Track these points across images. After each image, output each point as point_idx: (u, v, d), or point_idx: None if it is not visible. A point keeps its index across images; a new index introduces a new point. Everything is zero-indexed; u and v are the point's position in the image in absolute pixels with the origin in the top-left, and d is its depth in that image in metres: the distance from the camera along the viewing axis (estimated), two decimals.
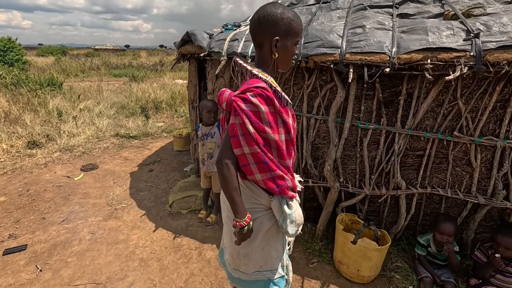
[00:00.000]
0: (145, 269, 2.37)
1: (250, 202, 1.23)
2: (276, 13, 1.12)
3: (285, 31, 1.14)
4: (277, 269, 1.31)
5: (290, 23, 1.14)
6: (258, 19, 1.15)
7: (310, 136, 2.54)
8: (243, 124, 1.08)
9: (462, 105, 2.07)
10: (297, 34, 1.17)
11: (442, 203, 2.38)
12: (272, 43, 1.15)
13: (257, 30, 1.17)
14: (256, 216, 1.23)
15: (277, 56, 1.17)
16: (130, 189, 3.70)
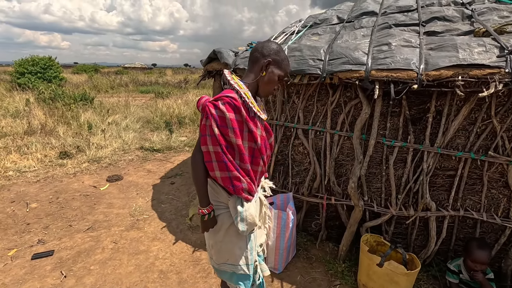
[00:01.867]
0: (164, 281, 2.37)
1: (213, 200, 1.42)
2: (279, 47, 1.38)
3: (278, 61, 1.37)
4: (240, 266, 1.45)
5: (285, 60, 1.39)
6: (264, 43, 1.39)
7: (333, 152, 2.50)
8: (210, 126, 1.25)
9: (497, 124, 1.97)
10: (285, 72, 1.40)
11: (476, 228, 2.23)
12: (265, 63, 1.35)
13: (258, 49, 1.37)
14: (218, 213, 1.42)
15: (264, 75, 1.36)
16: (152, 201, 3.77)
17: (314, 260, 2.60)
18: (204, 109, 1.27)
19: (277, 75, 1.37)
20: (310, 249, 2.73)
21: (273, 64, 1.36)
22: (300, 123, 2.62)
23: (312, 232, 2.86)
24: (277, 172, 2.85)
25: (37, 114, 7.05)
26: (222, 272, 1.53)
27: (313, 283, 2.35)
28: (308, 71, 2.26)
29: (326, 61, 2.24)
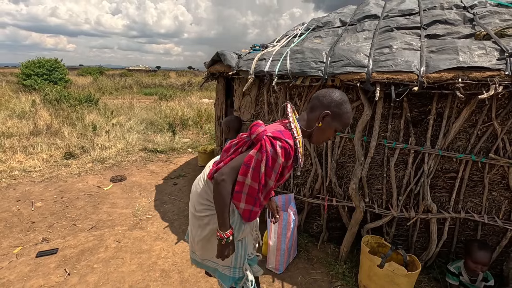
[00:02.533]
0: (166, 280, 2.39)
1: (206, 200, 1.42)
2: (342, 99, 1.31)
3: (338, 114, 1.31)
4: (224, 266, 1.49)
5: (346, 114, 1.32)
6: (326, 91, 1.34)
7: (335, 154, 2.52)
8: (260, 162, 1.24)
9: (498, 126, 1.98)
10: (344, 125, 1.35)
11: (478, 230, 2.23)
12: (322, 114, 1.30)
13: (319, 98, 1.33)
14: (208, 214, 1.42)
15: (319, 126, 1.32)
16: (155, 201, 3.81)
17: (315, 261, 2.61)
18: (260, 142, 1.24)
19: (334, 128, 1.34)
20: (311, 250, 2.74)
21: (332, 117, 1.31)
22: None
23: (313, 233, 2.87)
24: None
25: (42, 115, 7.14)
26: (205, 266, 1.58)
27: (314, 284, 2.36)
28: (310, 73, 2.29)
29: (328, 63, 2.27)
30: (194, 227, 1.51)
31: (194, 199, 1.49)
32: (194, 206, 1.49)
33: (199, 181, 1.51)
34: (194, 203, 1.50)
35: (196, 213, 1.47)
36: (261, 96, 2.89)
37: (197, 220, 1.48)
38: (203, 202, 1.44)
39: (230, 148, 1.42)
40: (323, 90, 1.35)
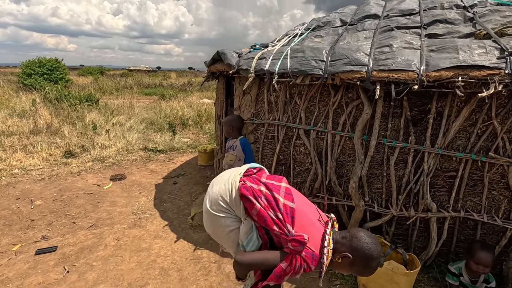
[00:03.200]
0: (165, 278, 2.39)
1: (224, 203, 1.42)
2: (372, 254, 1.24)
3: (359, 265, 1.27)
4: None
5: (368, 269, 1.27)
6: (364, 235, 1.29)
7: (334, 153, 2.52)
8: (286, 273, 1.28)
9: (498, 125, 1.98)
10: (361, 275, 1.34)
11: (477, 229, 2.23)
12: (343, 255, 1.27)
13: (353, 234, 1.31)
14: (222, 215, 1.43)
15: (339, 261, 1.30)
16: (154, 200, 3.81)
17: None
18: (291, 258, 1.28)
19: (349, 270, 1.33)
20: None
21: (351, 263, 1.28)
22: (302, 124, 2.65)
23: None
24: (279, 172, 2.87)
25: (43, 114, 7.14)
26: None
27: (313, 283, 2.35)
28: (310, 71, 2.30)
29: (328, 62, 2.28)
30: (209, 224, 1.52)
31: (213, 198, 1.45)
32: (211, 203, 1.45)
33: (225, 183, 1.47)
34: (211, 200, 1.46)
35: (212, 212, 1.45)
36: (261, 95, 2.90)
37: (212, 218, 1.46)
38: (221, 206, 1.43)
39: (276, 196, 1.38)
40: (359, 232, 1.31)
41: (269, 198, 1.36)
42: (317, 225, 1.36)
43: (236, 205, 1.40)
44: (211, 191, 1.48)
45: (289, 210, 1.32)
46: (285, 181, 1.47)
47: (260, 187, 1.40)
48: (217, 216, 1.43)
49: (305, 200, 1.50)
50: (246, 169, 1.53)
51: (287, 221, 1.30)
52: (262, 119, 2.90)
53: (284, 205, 1.34)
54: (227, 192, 1.42)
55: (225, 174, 1.54)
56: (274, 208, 1.33)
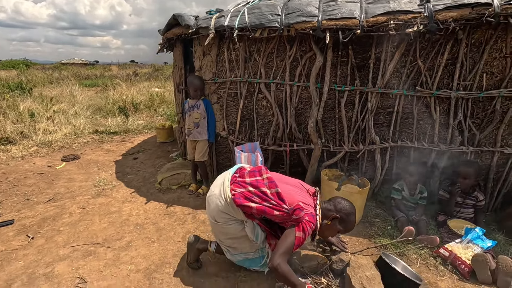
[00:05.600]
0: (141, 231, 2.42)
1: (227, 214, 1.73)
2: (352, 211, 1.77)
3: (345, 221, 1.75)
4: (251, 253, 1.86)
5: (350, 222, 1.77)
6: (341, 201, 1.80)
7: (293, 102, 2.78)
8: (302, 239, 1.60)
9: (421, 64, 2.43)
10: (346, 230, 1.80)
11: (410, 156, 2.70)
12: (332, 216, 1.74)
13: (335, 203, 1.80)
14: (231, 224, 1.75)
15: (329, 223, 1.75)
16: (116, 173, 3.70)
17: None
18: (302, 225, 1.59)
19: (337, 229, 1.77)
20: None
21: (339, 221, 1.74)
22: (262, 78, 2.85)
23: None
24: (243, 127, 3.05)
25: None
26: (237, 260, 1.90)
27: None
28: (268, 24, 2.49)
29: (283, 15, 2.50)
30: (220, 233, 1.83)
31: (215, 213, 1.76)
32: (215, 218, 1.76)
33: (219, 199, 1.74)
34: (214, 216, 1.76)
35: (219, 223, 1.76)
36: (222, 55, 3.02)
37: (221, 228, 1.78)
38: (225, 216, 1.73)
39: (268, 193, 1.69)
40: (339, 199, 1.82)
41: (259, 194, 1.68)
42: (303, 193, 1.76)
43: (236, 213, 1.71)
44: (209, 208, 1.80)
45: (277, 195, 1.66)
46: (264, 170, 1.80)
47: (248, 188, 1.71)
48: (225, 226, 1.75)
49: (287, 178, 1.87)
50: (230, 178, 1.80)
51: (280, 203, 1.63)
52: (224, 78, 3.03)
53: (272, 194, 1.67)
54: (224, 205, 1.71)
55: (215, 189, 1.80)
56: (266, 199, 1.66)
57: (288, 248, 1.56)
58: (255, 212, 1.67)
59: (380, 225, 2.48)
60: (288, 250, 1.56)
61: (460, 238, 2.12)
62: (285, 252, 1.54)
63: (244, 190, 1.71)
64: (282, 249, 1.55)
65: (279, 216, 1.64)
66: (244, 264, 1.89)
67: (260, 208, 1.64)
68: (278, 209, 1.63)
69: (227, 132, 3.16)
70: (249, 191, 1.70)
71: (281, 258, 1.52)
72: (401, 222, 2.41)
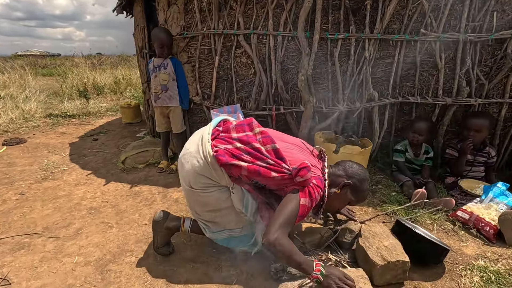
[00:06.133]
0: (96, 215, 1.93)
1: (207, 178, 1.30)
2: (366, 176, 1.41)
3: (358, 189, 1.38)
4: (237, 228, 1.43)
5: (365, 191, 1.41)
6: (353, 164, 1.44)
7: (278, 56, 2.36)
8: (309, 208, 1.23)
9: (426, 3, 2.08)
10: (358, 201, 1.45)
11: (412, 113, 2.40)
12: (343, 183, 1.35)
13: (346, 165, 1.42)
14: (212, 191, 1.32)
15: (339, 192, 1.36)
16: (70, 156, 3.11)
17: None
18: (309, 189, 1.21)
19: (349, 200, 1.40)
20: None
21: (352, 190, 1.38)
22: (241, 29, 2.40)
23: None
24: (220, 90, 2.60)
25: None
26: (220, 239, 1.46)
27: None
28: None
29: None
30: (197, 204, 1.40)
31: (190, 177, 1.32)
32: (190, 183, 1.33)
33: (196, 158, 1.31)
34: (190, 180, 1.33)
35: (195, 191, 1.33)
36: (191, 3, 2.51)
37: (198, 197, 1.34)
38: (204, 181, 1.31)
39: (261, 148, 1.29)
40: (349, 162, 1.44)
41: (250, 151, 1.27)
42: (306, 153, 1.39)
43: (219, 176, 1.29)
44: (183, 170, 1.35)
45: (274, 153, 1.27)
46: (256, 124, 1.38)
47: (235, 144, 1.30)
48: (204, 194, 1.32)
49: (284, 135, 1.47)
50: (210, 131, 1.38)
51: (280, 162, 1.24)
52: (195, 31, 2.54)
53: (268, 151, 1.27)
54: (203, 165, 1.29)
55: (191, 146, 1.37)
56: (261, 157, 1.26)
57: (289, 218, 1.17)
58: (245, 174, 1.25)
59: (383, 192, 2.15)
60: (288, 221, 1.17)
61: (479, 198, 1.83)
62: (285, 223, 1.16)
63: (230, 147, 1.29)
64: (281, 220, 1.16)
65: (277, 180, 1.24)
66: (229, 244, 1.48)
67: (253, 168, 1.23)
68: (276, 169, 1.24)
69: (201, 97, 2.68)
70: (237, 148, 1.29)
71: (280, 231, 1.14)
72: (407, 186, 2.09)
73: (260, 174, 1.23)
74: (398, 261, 1.26)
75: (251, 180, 1.33)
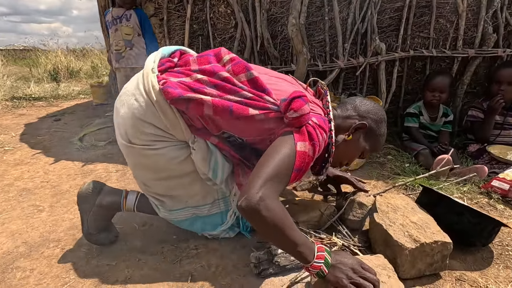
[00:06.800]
0: (26, 197, 1.48)
1: (151, 126, 0.88)
2: (384, 116, 1.04)
3: (374, 132, 1.01)
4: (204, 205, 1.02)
5: (382, 136, 1.04)
6: (366, 100, 1.05)
7: (263, 3, 1.92)
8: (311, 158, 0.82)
9: None
10: (373, 150, 1.07)
11: (426, 72, 2.00)
12: (355, 125, 0.97)
13: (356, 103, 1.02)
14: (158, 147, 0.90)
15: (349, 138, 0.98)
16: (22, 135, 2.63)
17: None
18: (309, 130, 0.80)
19: (362, 148, 1.02)
20: None
21: (367, 134, 1.00)
22: None
23: None
24: (195, 46, 2.15)
25: None
26: (182, 221, 1.04)
27: None
28: None
29: None
30: (142, 169, 0.96)
31: (128, 125, 0.90)
32: (128, 135, 0.90)
33: (134, 96, 0.90)
34: (127, 131, 0.91)
35: (136, 147, 0.90)
36: None
37: (142, 157, 0.92)
38: (148, 131, 0.88)
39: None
40: (359, 98, 1.06)
41: (217, 82, 0.86)
42: (300, 88, 0.96)
43: (171, 122, 0.87)
44: (118, 117, 0.93)
45: (251, 83, 0.86)
46: (225, 51, 0.94)
47: (194, 76, 0.87)
48: (151, 152, 0.89)
49: (270, 70, 1.04)
50: (157, 60, 0.95)
51: (260, 94, 0.85)
52: None
53: (243, 81, 0.87)
54: (145, 106, 0.87)
55: (129, 84, 0.95)
56: (232, 89, 0.85)
57: (281, 171, 0.76)
58: (209, 115, 0.84)
59: (394, 164, 1.76)
60: (280, 175, 0.76)
61: None
62: (275, 177, 0.74)
63: (187, 80, 0.87)
64: (270, 172, 0.74)
65: (259, 122, 0.84)
66: (193, 227, 1.06)
67: (221, 104, 0.82)
68: (256, 104, 0.84)
69: None
70: (197, 80, 0.87)
71: (268, 188, 0.72)
72: (423, 156, 1.70)
73: (233, 113, 0.82)
74: (435, 242, 0.86)
75: (221, 132, 0.90)
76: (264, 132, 0.87)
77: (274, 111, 0.84)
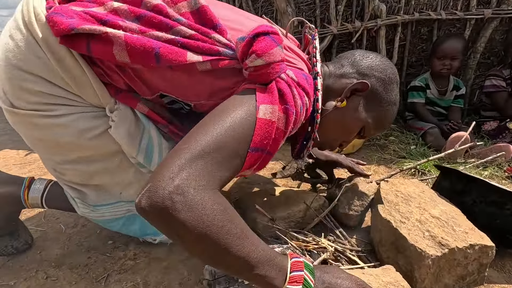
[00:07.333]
0: None
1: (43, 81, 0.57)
2: (395, 75, 0.71)
3: (379, 98, 0.69)
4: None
5: (393, 106, 0.72)
6: (370, 53, 0.73)
7: None
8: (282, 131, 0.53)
9: None
10: (382, 124, 0.74)
11: (432, 38, 1.71)
12: (354, 85, 0.66)
13: (354, 56, 0.71)
14: (60, 115, 0.59)
15: (343, 105, 0.67)
16: None
17: None
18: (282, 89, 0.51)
19: (362, 121, 0.70)
20: None
21: (368, 96, 0.68)
22: None
23: None
24: None
25: None
26: (109, 221, 0.75)
27: None
28: None
29: None
30: (42, 148, 0.67)
31: (4, 80, 0.58)
32: (8, 96, 0.59)
33: (10, 33, 0.58)
34: (5, 89, 0.59)
35: (25, 113, 0.59)
36: None
37: (34, 128, 0.61)
38: (37, 88, 0.57)
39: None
40: (359, 51, 0.73)
41: (140, 13, 0.55)
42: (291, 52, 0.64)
43: (73, 75, 0.57)
44: None
45: (194, 14, 0.56)
46: None
47: (111, 4, 0.56)
48: (43, 119, 0.59)
49: (235, 8, 0.73)
50: None
51: (207, 31, 0.55)
52: None
53: (183, 13, 0.56)
54: (25, 45, 0.55)
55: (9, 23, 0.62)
56: (163, 22, 0.55)
57: (224, 145, 0.47)
58: (127, 64, 0.55)
59: (397, 146, 1.48)
60: (222, 150, 0.46)
61: None
62: (209, 153, 0.45)
63: (97, 10, 0.57)
64: (202, 145, 0.45)
65: (204, 73, 0.55)
66: (130, 231, 0.77)
67: (140, 44, 0.51)
68: (198, 46, 0.53)
69: None
70: (112, 10, 0.57)
71: (195, 171, 0.43)
72: (432, 135, 1.44)
73: (160, 58, 0.52)
74: (471, 247, 0.59)
75: (156, 94, 0.61)
76: (216, 93, 0.58)
77: (228, 57, 0.54)
